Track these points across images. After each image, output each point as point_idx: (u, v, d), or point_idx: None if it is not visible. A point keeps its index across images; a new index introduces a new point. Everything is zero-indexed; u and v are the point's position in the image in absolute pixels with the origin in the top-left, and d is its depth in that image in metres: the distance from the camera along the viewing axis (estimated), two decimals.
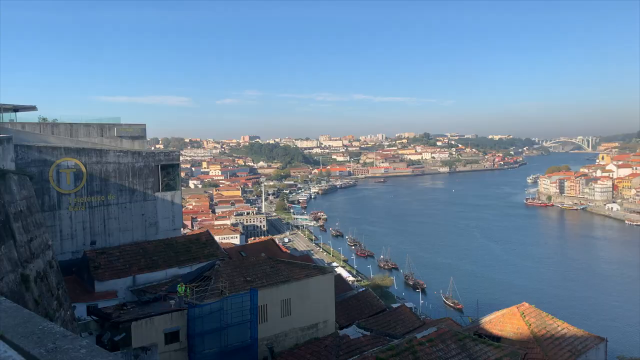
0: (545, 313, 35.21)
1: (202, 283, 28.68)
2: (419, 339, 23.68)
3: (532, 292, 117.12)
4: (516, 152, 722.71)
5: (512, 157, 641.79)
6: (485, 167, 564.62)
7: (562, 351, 31.72)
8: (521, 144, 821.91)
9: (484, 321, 35.78)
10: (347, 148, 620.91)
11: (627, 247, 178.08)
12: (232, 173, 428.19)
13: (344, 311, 40.30)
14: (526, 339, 32.14)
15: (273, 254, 45.67)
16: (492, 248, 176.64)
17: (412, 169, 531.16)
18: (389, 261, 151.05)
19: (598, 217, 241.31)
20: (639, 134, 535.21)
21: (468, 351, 25.20)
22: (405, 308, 45.26)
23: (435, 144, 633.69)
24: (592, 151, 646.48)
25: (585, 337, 34.14)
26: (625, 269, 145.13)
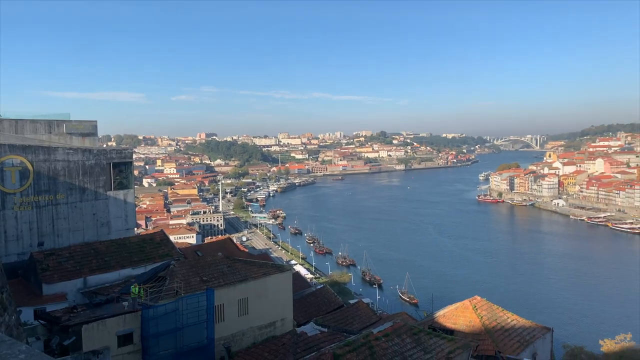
0: (496, 306, 36.44)
1: (156, 284, 28.08)
2: (375, 334, 24.05)
3: (483, 285, 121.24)
4: (469, 150, 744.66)
5: (465, 155, 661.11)
6: (439, 164, 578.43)
7: (512, 342, 32.93)
8: (473, 142, 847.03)
9: (438, 315, 36.71)
10: (306, 146, 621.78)
11: (571, 240, 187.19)
12: (188, 171, 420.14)
13: (302, 309, 40.42)
14: (478, 331, 33.10)
15: (230, 253, 45.26)
16: (446, 243, 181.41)
17: (370, 167, 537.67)
18: (347, 258, 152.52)
19: (545, 213, 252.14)
20: (583, 133, 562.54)
21: (423, 345, 25.77)
22: (362, 304, 45.86)
23: (392, 142, 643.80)
24: (540, 149, 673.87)
25: (533, 327, 35.53)
26: (569, 262, 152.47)
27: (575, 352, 50.61)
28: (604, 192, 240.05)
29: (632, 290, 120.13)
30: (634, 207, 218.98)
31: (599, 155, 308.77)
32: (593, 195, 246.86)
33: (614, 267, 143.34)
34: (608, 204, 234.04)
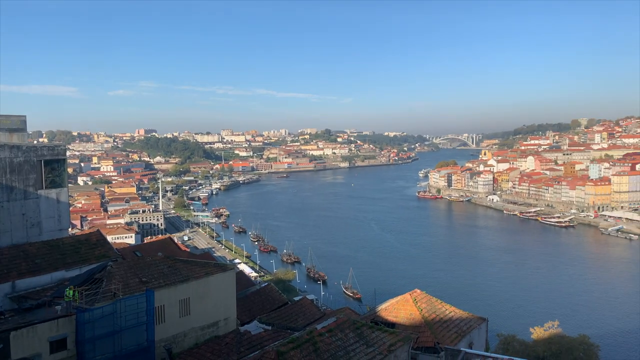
0: (435, 298, 37.52)
1: (92, 286, 26.93)
2: (318, 330, 24.28)
3: (423, 278, 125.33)
4: (409, 148, 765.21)
5: (406, 153, 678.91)
6: (381, 162, 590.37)
7: (450, 333, 34.02)
8: (414, 140, 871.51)
9: (380, 309, 37.40)
10: (250, 143, 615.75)
11: (505, 234, 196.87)
12: (126, 169, 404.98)
13: (245, 307, 40.12)
14: (418, 324, 33.95)
15: (171, 253, 44.14)
16: (388, 238, 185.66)
17: (315, 164, 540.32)
18: (291, 255, 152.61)
19: (481, 208, 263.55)
20: (515, 132, 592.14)
21: (365, 338, 26.27)
22: (307, 300, 46.12)
23: (336, 140, 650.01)
24: (476, 147, 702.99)
25: (469, 318, 36.87)
26: (503, 255, 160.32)
27: (508, 340, 53.33)
28: (534, 188, 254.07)
29: (559, 281, 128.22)
30: (561, 202, 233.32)
31: (530, 153, 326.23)
32: (524, 191, 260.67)
33: (542, 259, 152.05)
34: (538, 199, 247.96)
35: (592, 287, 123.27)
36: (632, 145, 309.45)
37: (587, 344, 53.44)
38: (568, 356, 49.10)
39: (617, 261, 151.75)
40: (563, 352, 49.86)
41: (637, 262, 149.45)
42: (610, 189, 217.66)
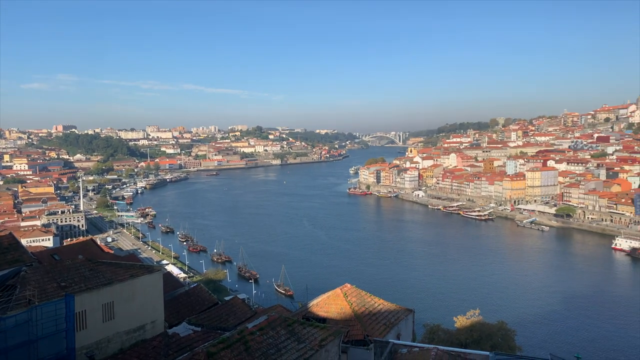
0: (365, 292, 38.26)
1: (4, 293, 25.01)
2: (250, 329, 24.10)
3: (354, 272, 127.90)
4: (340, 145, 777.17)
5: (337, 150, 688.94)
6: (313, 159, 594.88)
7: (379, 325, 34.91)
8: (345, 138, 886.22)
9: (312, 305, 37.68)
10: (178, 140, 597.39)
11: (429, 228, 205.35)
12: (42, 167, 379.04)
13: (174, 309, 38.99)
14: (348, 318, 34.54)
15: (93, 256, 41.98)
16: (320, 234, 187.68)
17: (246, 162, 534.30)
18: (222, 254, 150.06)
19: (408, 203, 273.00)
20: (439, 130, 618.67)
21: (297, 335, 26.40)
22: (238, 300, 45.58)
23: (268, 137, 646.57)
24: (403, 145, 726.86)
25: (397, 310, 38.04)
26: (428, 247, 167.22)
27: (433, 329, 55.63)
28: (456, 184, 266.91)
29: (480, 270, 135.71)
30: (481, 197, 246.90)
31: (452, 150, 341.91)
32: (447, 186, 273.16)
33: (464, 251, 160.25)
34: (460, 194, 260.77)
35: (509, 276, 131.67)
36: (544, 142, 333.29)
37: (505, 330, 56.86)
38: (488, 342, 52.00)
39: (531, 251, 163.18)
40: (483, 338, 52.76)
41: (548, 251, 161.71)
42: (525, 184, 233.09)
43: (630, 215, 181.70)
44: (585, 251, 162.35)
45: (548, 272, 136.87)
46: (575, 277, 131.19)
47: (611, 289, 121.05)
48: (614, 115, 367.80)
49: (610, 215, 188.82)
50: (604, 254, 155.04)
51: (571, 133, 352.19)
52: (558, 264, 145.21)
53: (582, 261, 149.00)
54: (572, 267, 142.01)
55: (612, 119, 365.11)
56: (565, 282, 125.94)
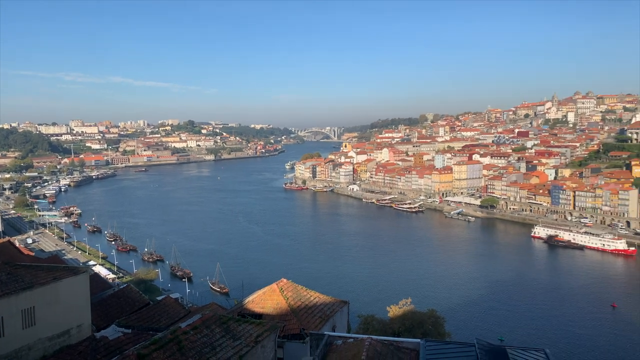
0: (301, 286, 38.50)
1: None
2: (183, 329, 23.57)
3: (290, 267, 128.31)
4: (276, 140, 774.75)
5: (273, 145, 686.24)
6: (248, 154, 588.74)
7: (314, 318, 35.28)
8: (280, 133, 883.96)
9: (247, 301, 37.47)
10: (104, 135, 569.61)
11: (363, 221, 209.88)
12: None
13: (102, 312, 37.33)
14: (285, 312, 34.65)
15: (11, 258, 39.25)
16: (255, 230, 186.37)
17: (178, 157, 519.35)
18: (153, 253, 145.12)
19: (343, 197, 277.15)
20: (372, 125, 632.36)
21: (232, 332, 26.15)
22: (170, 299, 44.34)
23: (200, 131, 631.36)
24: (338, 140, 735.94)
25: (332, 302, 38.60)
26: (362, 239, 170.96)
27: (368, 320, 56.94)
28: (389, 178, 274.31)
29: (411, 260, 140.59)
30: (412, 190, 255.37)
31: (385, 145, 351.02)
32: (381, 180, 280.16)
33: (396, 242, 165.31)
34: (392, 187, 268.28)
35: (439, 265, 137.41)
36: (469, 137, 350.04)
37: (435, 317, 59.23)
38: (419, 329, 53.97)
39: (458, 240, 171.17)
40: (415, 326, 54.71)
41: (474, 240, 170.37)
42: (452, 177, 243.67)
43: (547, 205, 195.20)
44: (508, 239, 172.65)
45: (474, 260, 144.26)
46: (499, 264, 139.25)
47: (531, 274, 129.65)
48: (532, 112, 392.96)
49: (530, 205, 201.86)
50: (524, 241, 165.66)
51: (494, 128, 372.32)
52: (483, 252, 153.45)
53: (505, 249, 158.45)
54: (496, 254, 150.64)
55: (531, 115, 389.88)
56: (489, 269, 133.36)
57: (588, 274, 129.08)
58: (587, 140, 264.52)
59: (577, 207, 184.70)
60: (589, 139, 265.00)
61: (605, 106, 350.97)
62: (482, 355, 21.50)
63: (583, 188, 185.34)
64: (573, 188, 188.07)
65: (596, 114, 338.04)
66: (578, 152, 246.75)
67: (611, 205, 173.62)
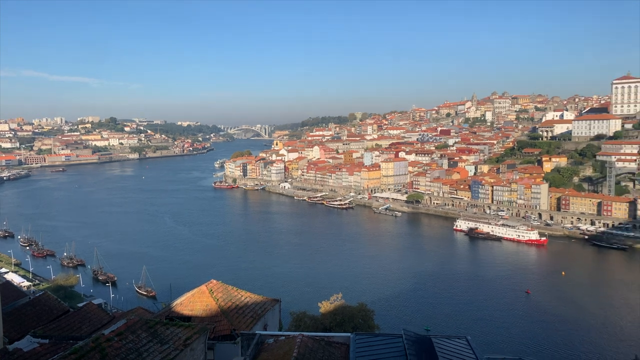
0: (231, 286, 38.04)
1: None
2: (106, 335, 22.49)
3: (220, 268, 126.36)
4: (204, 138, 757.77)
5: (201, 143, 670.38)
6: (175, 153, 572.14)
7: (245, 318, 34.98)
8: (209, 130, 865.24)
9: (176, 304, 36.44)
10: (16, 133, 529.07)
11: (295, 218, 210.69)
12: None
13: (15, 322, 34.72)
14: (215, 314, 34.07)
15: None
16: (183, 231, 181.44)
17: (99, 156, 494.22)
18: (73, 258, 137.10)
19: (274, 195, 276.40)
20: (303, 123, 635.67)
21: (159, 337, 25.28)
22: (93, 306, 42.03)
23: (123, 129, 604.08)
24: (268, 138, 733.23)
25: (264, 301, 38.42)
26: (293, 237, 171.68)
27: (299, 317, 57.33)
28: (320, 175, 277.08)
29: (342, 256, 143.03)
30: (342, 187, 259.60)
31: (315, 143, 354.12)
32: (312, 178, 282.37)
33: (327, 238, 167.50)
34: (323, 184, 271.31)
35: (368, 259, 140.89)
36: (396, 136, 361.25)
37: (365, 311, 60.73)
38: (350, 323, 55.13)
39: (386, 235, 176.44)
40: (346, 321, 55.82)
41: (401, 235, 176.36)
42: (380, 174, 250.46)
43: (468, 199, 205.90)
44: (432, 233, 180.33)
45: (401, 254, 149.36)
46: (424, 256, 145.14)
47: (453, 265, 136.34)
48: (454, 111, 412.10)
49: (452, 200, 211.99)
50: (447, 234, 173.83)
51: (419, 127, 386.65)
52: (409, 245, 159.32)
53: (429, 242, 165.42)
54: (421, 247, 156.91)
55: (453, 114, 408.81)
56: (416, 261, 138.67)
57: (505, 263, 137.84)
58: (503, 138, 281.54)
59: (495, 201, 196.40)
60: (505, 137, 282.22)
61: (519, 106, 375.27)
62: (408, 345, 22.32)
63: (500, 183, 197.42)
64: (491, 183, 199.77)
65: (511, 113, 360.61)
66: (495, 149, 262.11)
67: (525, 198, 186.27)
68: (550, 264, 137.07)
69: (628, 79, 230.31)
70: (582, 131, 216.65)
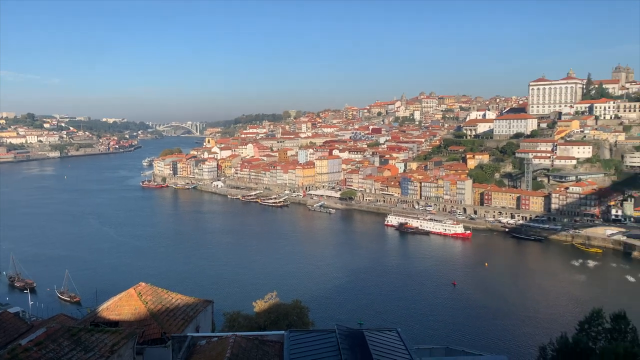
0: (162, 289, 37.00)
1: None
2: (24, 346, 21.19)
3: (150, 270, 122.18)
4: (131, 135, 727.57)
5: (128, 141, 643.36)
6: (100, 150, 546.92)
7: (176, 320, 34.16)
8: (136, 127, 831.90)
9: (102, 309, 34.88)
10: None
11: (228, 217, 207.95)
12: None
13: None
14: (144, 317, 33.03)
15: None
16: (109, 233, 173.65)
17: (15, 155, 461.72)
18: None
19: (207, 194, 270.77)
20: (236, 121, 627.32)
21: (83, 344, 24.14)
22: (8, 314, 39.24)
23: (43, 126, 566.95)
24: (200, 135, 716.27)
25: (196, 302, 37.64)
26: (227, 237, 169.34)
27: (233, 317, 56.56)
28: (254, 173, 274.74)
29: (277, 254, 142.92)
30: (277, 185, 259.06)
31: (249, 141, 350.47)
32: (246, 176, 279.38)
33: (262, 237, 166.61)
34: (258, 183, 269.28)
35: (303, 256, 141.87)
36: (330, 133, 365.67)
37: (300, 308, 60.94)
38: (284, 321, 55.14)
39: (320, 231, 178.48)
40: (280, 319, 55.76)
41: (335, 231, 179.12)
42: (314, 171, 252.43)
43: (398, 195, 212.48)
44: (365, 228, 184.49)
45: (335, 250, 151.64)
46: (357, 252, 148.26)
47: (385, 260, 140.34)
48: (384, 110, 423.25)
49: (383, 196, 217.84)
50: (379, 230, 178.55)
51: (351, 125, 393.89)
52: (343, 241, 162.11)
53: (362, 237, 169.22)
54: (354, 243, 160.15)
55: (383, 113, 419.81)
56: (349, 257, 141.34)
57: (433, 256, 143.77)
58: (430, 136, 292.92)
59: (423, 197, 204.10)
60: (432, 135, 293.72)
61: (445, 106, 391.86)
62: (341, 340, 22.78)
63: (428, 179, 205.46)
64: (419, 179, 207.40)
65: (438, 113, 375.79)
66: (423, 147, 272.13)
67: (451, 194, 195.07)
68: (474, 255, 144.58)
69: (543, 81, 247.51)
70: (503, 130, 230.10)
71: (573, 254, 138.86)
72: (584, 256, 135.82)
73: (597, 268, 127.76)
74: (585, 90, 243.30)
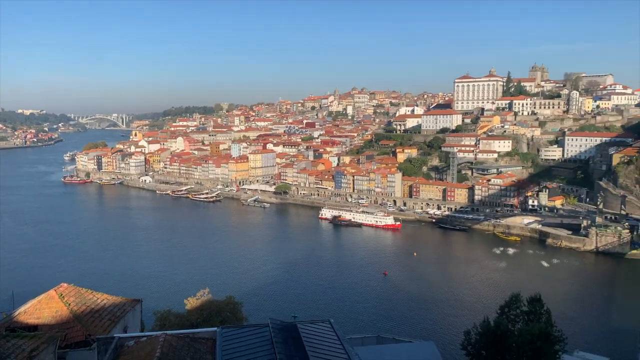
0: (85, 289, 35.43)
1: None
2: None
3: (72, 270, 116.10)
4: (51, 128, 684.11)
5: (47, 134, 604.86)
6: (15, 144, 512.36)
7: (102, 321, 32.88)
8: (56, 120, 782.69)
9: (19, 313, 32.81)
10: None
11: (157, 213, 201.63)
12: None
13: None
14: (66, 320, 31.53)
15: None
16: (27, 232, 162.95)
17: None
18: None
19: (134, 190, 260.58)
20: (165, 113, 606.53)
21: None
22: None
23: None
24: (126, 128, 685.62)
25: (123, 302, 36.33)
26: (156, 234, 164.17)
27: (164, 316, 54.99)
28: (184, 168, 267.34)
29: (209, 250, 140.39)
30: (209, 179, 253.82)
31: (179, 134, 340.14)
32: (176, 170, 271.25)
33: (193, 233, 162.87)
34: (188, 177, 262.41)
35: (236, 252, 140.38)
36: (263, 127, 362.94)
37: (233, 304, 60.26)
38: (217, 318, 54.33)
39: (254, 226, 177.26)
40: (213, 315, 54.88)
41: (269, 225, 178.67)
42: (248, 166, 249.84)
43: (332, 189, 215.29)
44: (299, 222, 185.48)
45: (269, 244, 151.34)
46: (292, 245, 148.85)
47: (318, 252, 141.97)
48: (318, 104, 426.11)
49: (317, 190, 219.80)
50: (313, 223, 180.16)
51: (285, 119, 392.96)
52: (277, 235, 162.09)
53: (296, 231, 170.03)
54: (289, 237, 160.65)
55: (317, 107, 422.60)
56: (283, 251, 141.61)
57: (365, 247, 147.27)
58: (362, 130, 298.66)
59: (356, 190, 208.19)
60: (364, 130, 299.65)
61: (376, 101, 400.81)
62: (275, 333, 22.89)
63: (360, 173, 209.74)
64: (352, 173, 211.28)
65: (369, 108, 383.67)
66: (356, 141, 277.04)
67: (382, 187, 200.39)
68: (404, 246, 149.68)
69: (467, 79, 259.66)
70: (430, 125, 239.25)
71: (494, 242, 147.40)
72: (504, 244, 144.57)
73: (516, 255, 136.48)
74: (505, 87, 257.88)
